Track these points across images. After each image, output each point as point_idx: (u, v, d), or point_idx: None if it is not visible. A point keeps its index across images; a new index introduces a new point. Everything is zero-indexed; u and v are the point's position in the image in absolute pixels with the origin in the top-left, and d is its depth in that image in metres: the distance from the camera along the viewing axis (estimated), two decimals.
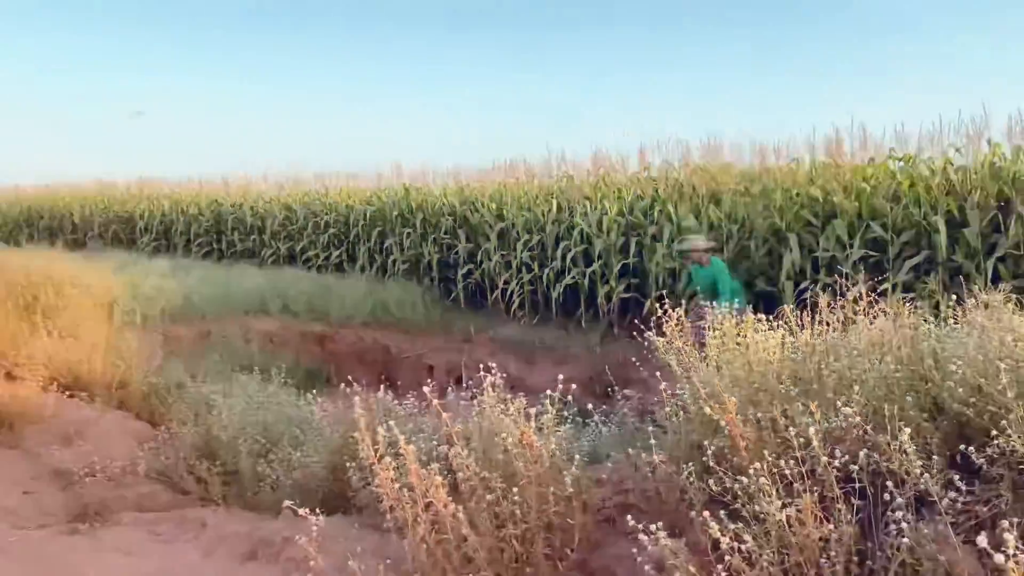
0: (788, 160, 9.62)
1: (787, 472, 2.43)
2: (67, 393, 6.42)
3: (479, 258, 12.08)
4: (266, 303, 11.14)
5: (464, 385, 4.07)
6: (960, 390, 2.67)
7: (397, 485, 2.63)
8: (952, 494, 2.28)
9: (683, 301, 7.11)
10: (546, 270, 11.15)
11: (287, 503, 2.91)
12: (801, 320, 3.47)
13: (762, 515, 2.38)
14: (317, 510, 2.63)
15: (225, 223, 17.06)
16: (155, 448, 5.15)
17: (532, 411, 2.83)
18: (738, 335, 3.45)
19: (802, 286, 8.42)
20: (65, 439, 5.46)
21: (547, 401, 3.00)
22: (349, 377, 4.66)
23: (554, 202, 11.41)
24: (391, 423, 2.72)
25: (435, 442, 3.19)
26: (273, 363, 7.78)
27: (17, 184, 25.33)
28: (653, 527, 2.33)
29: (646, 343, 3.83)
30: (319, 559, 2.54)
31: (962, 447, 2.48)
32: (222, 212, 17.27)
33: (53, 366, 6.73)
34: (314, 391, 5.62)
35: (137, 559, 3.70)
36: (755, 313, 3.49)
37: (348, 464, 3.61)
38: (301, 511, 2.63)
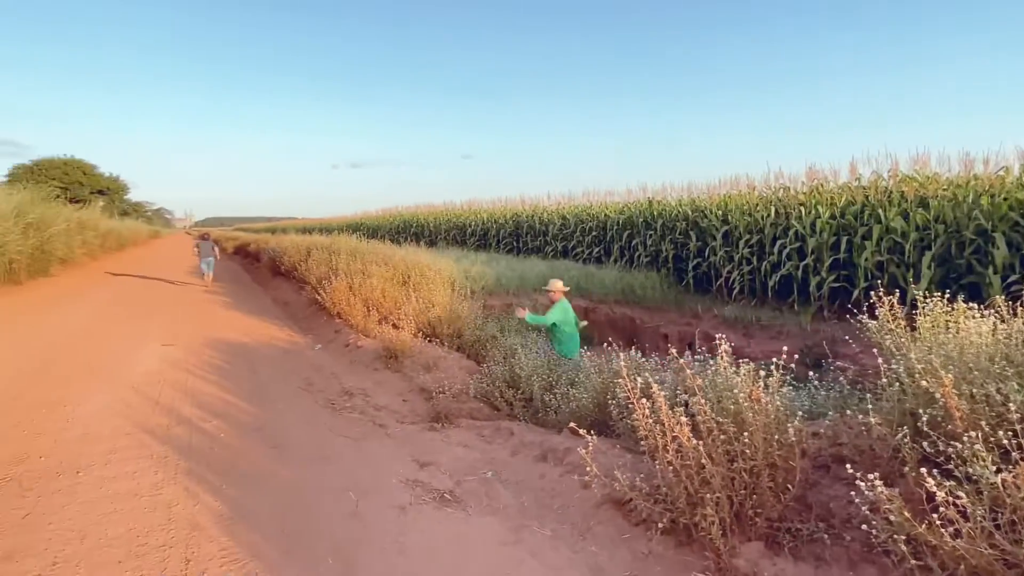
0: (996, 169, 7.84)
1: (1004, 442, 2.01)
2: (427, 339, 7.24)
3: (707, 253, 11.42)
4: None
5: (697, 350, 3.87)
6: None
7: (650, 420, 2.58)
8: None
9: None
10: (763, 263, 10.22)
11: (571, 425, 2.97)
12: (1013, 309, 2.82)
13: (975, 477, 1.98)
14: (593, 432, 2.67)
15: (521, 228, 18.02)
16: (479, 378, 5.57)
17: (762, 373, 2.61)
18: (948, 322, 2.89)
19: (1010, 280, 6.83)
20: (426, 368, 6.15)
21: (772, 366, 2.75)
22: (610, 340, 4.66)
23: (772, 208, 10.39)
24: (646, 374, 2.66)
25: (678, 391, 3.07)
26: None
27: (397, 205, 29.19)
28: (869, 477, 2.04)
29: (857, 324, 3.34)
30: (593, 466, 2.58)
31: None
32: (519, 221, 18.25)
33: (418, 321, 7.62)
34: (586, 348, 5.69)
35: (470, 451, 4.06)
36: (965, 303, 2.90)
37: (610, 401, 3.63)
38: (581, 431, 2.68)
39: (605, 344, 4.47)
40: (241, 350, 7.06)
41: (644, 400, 2.57)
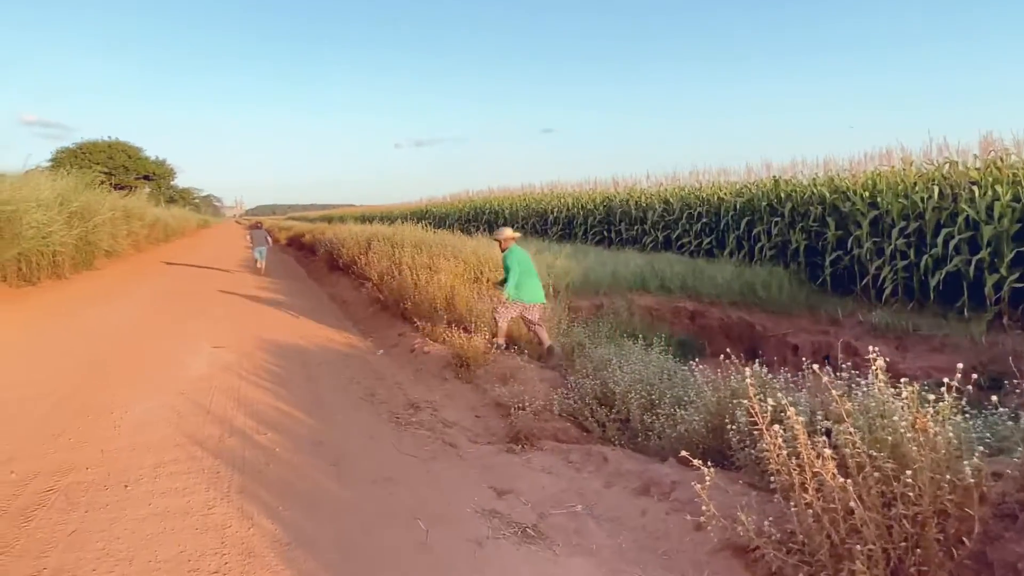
0: None
1: None
2: (503, 347, 7.32)
3: (849, 245, 10.85)
4: (646, 282, 11.40)
5: (837, 366, 3.69)
6: None
7: (784, 452, 2.49)
8: None
9: None
10: (924, 257, 9.58)
11: (683, 454, 2.92)
12: None
13: None
14: (708, 463, 2.62)
15: (614, 215, 17.88)
16: (565, 393, 5.58)
17: (929, 396, 2.45)
18: None
19: None
20: (502, 379, 6.23)
21: (942, 388, 2.58)
22: (728, 350, 4.54)
23: (935, 188, 9.72)
24: (779, 394, 2.57)
25: (818, 416, 2.94)
26: (652, 333, 7.96)
27: (467, 190, 29.74)
28: None
29: None
30: (710, 504, 2.53)
31: None
32: (612, 207, 18.11)
33: (493, 324, 7.74)
34: (695, 359, 5.58)
35: (555, 478, 4.08)
36: None
37: (729, 426, 3.53)
38: (695, 461, 2.63)
39: (722, 357, 4.34)
40: (296, 354, 7.44)
41: (776, 427, 2.48)
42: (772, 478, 2.60)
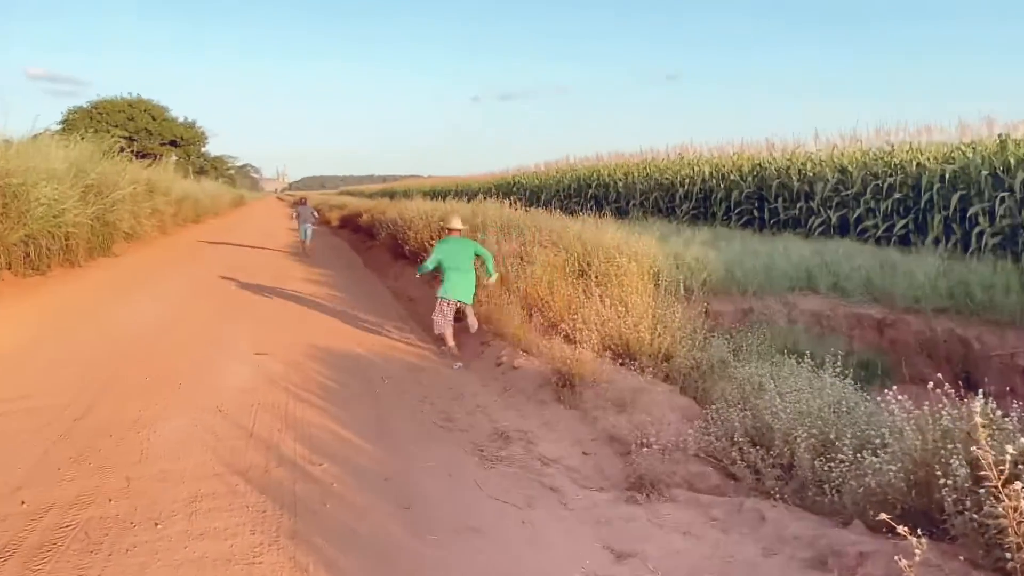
0: None
1: None
2: (618, 360, 7.29)
3: None
4: (813, 279, 11.01)
5: None
6: None
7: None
8: None
9: None
10: None
11: (883, 516, 2.80)
12: None
13: None
14: (919, 531, 2.49)
15: (768, 189, 17.40)
16: (704, 427, 5.46)
17: None
18: None
19: None
20: (618, 405, 6.18)
21: None
22: (933, 375, 4.32)
23: None
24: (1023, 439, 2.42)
25: None
26: (821, 348, 7.67)
27: (567, 157, 29.67)
28: None
29: None
30: None
31: None
32: (765, 177, 17.64)
33: (604, 332, 7.71)
34: (885, 386, 5.33)
35: (694, 541, 4.00)
36: None
37: (941, 480, 3.35)
38: (901, 529, 2.51)
39: (930, 385, 4.13)
40: (355, 365, 7.69)
41: (1017, 485, 2.33)
42: (1008, 555, 2.45)
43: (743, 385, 6.14)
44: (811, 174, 16.30)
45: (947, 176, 12.92)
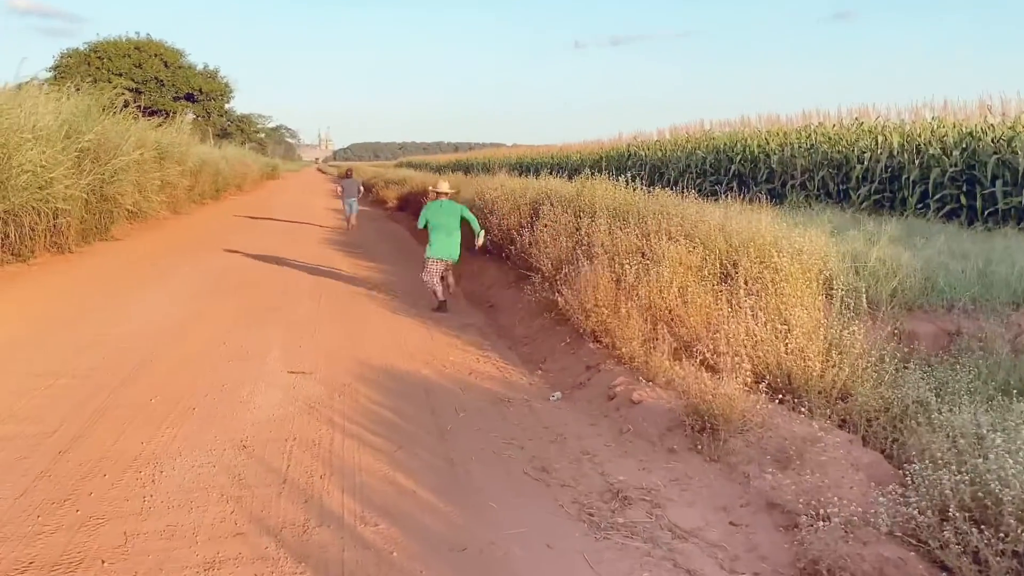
0: None
1: None
2: (775, 397, 7.01)
3: None
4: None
5: None
6: None
7: None
8: None
9: None
10: None
11: None
12: None
13: None
14: None
15: (982, 167, 16.75)
16: (900, 495, 5.19)
17: None
18: None
19: None
20: (778, 459, 5.94)
21: None
22: None
23: None
24: None
25: None
26: None
27: (701, 121, 29.27)
28: None
29: None
30: None
31: None
32: (978, 151, 16.98)
33: (757, 357, 7.44)
34: None
35: None
36: None
37: None
38: None
39: None
40: (420, 391, 7.66)
41: None
42: None
43: (955, 437, 5.84)
44: None
45: None
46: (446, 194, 12.46)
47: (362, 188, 26.31)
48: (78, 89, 19.70)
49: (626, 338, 8.35)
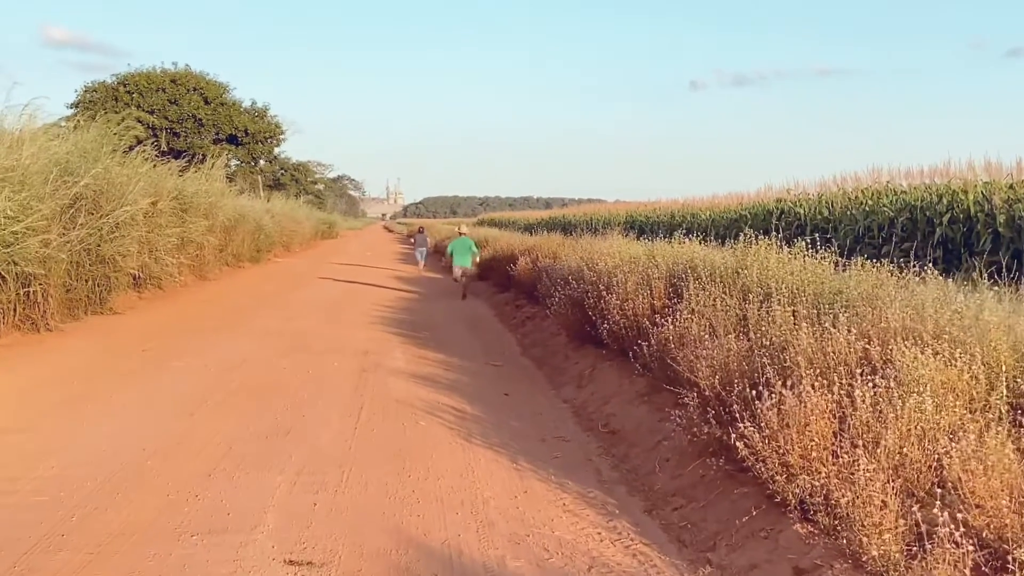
0: None
1: None
2: None
3: None
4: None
5: None
6: None
7: None
8: None
9: None
10: None
11: None
12: None
13: None
14: None
15: None
16: None
17: None
18: None
19: None
20: None
21: None
22: None
23: None
24: None
25: None
26: None
27: (879, 169, 26.77)
28: None
29: None
30: None
31: None
32: None
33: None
34: None
35: None
36: None
37: None
38: None
39: None
40: None
41: None
42: None
43: None
44: None
45: None
46: (464, 234, 27.02)
47: (430, 242, 41.19)
48: (77, 126, 19.19)
49: (868, 524, 5.77)
